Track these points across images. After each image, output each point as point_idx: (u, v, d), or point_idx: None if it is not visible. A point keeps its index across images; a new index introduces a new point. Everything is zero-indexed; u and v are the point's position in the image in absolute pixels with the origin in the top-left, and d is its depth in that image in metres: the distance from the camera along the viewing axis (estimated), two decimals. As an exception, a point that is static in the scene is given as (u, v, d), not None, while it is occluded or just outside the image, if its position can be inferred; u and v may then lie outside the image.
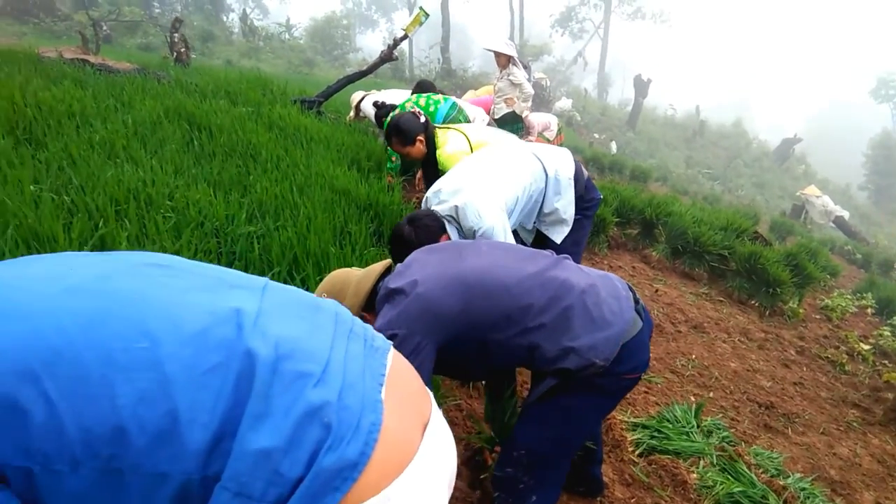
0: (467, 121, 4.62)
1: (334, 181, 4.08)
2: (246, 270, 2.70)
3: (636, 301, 1.73)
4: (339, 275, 1.76)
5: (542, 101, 16.39)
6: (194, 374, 0.77)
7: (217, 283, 0.93)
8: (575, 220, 2.98)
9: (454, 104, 4.67)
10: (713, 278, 6.27)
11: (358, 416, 0.83)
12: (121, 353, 0.75)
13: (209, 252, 2.71)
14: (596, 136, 20.80)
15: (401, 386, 0.96)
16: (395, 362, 0.99)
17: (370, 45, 45.68)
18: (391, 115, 4.56)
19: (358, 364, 0.91)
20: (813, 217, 14.10)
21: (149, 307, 0.81)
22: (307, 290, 2.62)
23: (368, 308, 1.68)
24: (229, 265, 2.71)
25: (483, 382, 2.69)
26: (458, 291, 1.57)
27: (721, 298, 5.88)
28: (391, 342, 1.05)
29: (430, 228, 2.37)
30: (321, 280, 2.66)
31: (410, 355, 1.48)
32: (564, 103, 19.99)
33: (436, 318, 1.55)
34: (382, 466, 0.81)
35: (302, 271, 2.80)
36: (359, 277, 1.71)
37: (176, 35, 9.04)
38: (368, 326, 1.05)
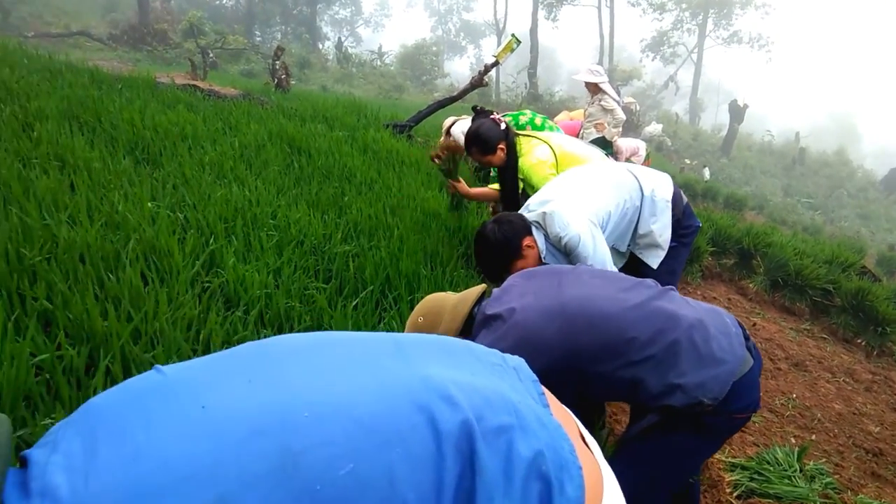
0: None
1: (425, 204, 4.17)
2: (341, 289, 2.80)
3: (746, 338, 1.64)
4: (434, 299, 1.74)
5: (630, 125, 16.09)
6: (413, 463, 0.72)
7: (369, 356, 0.87)
8: (671, 246, 2.82)
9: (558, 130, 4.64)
10: (816, 314, 5.91)
11: (560, 454, 0.81)
12: (329, 487, 0.66)
13: (307, 269, 2.82)
14: (687, 161, 20.17)
15: (555, 406, 0.95)
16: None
17: (458, 70, 46.60)
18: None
19: (525, 397, 0.88)
20: (927, 252, 13.07)
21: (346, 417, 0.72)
22: (398, 309, 2.69)
23: (464, 333, 1.66)
24: (326, 283, 2.81)
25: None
26: (559, 321, 1.54)
27: (824, 336, 5.53)
28: (524, 361, 1.04)
29: (513, 225, 2.34)
30: (413, 300, 2.74)
31: None
32: (654, 128, 19.54)
33: (535, 347, 1.51)
34: (591, 493, 0.82)
35: (394, 290, 2.87)
36: (454, 302, 1.69)
37: (278, 63, 9.55)
38: (498, 353, 1.02)
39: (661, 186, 2.73)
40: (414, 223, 3.78)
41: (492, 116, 3.45)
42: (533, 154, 3.20)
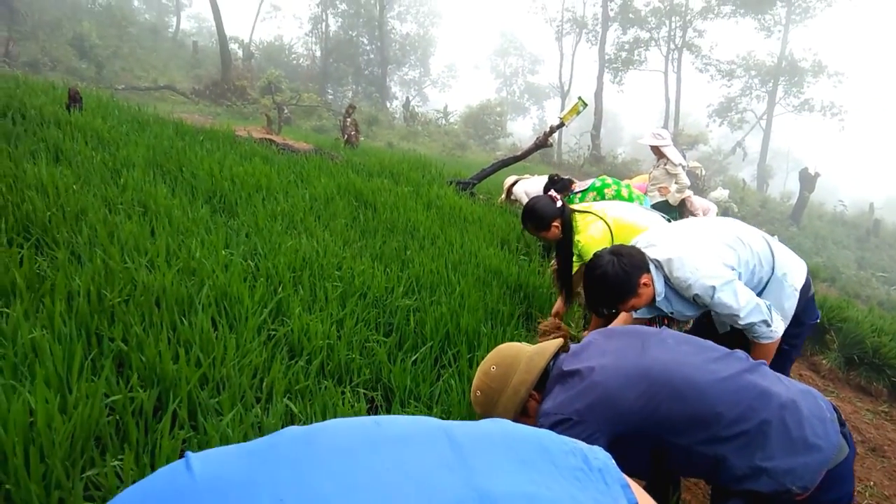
0: None
1: (486, 261, 4.16)
2: (401, 343, 2.79)
3: (842, 423, 1.52)
4: (509, 349, 1.69)
5: (696, 190, 15.71)
6: None
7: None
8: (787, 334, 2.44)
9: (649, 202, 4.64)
10: (894, 395, 5.51)
11: None
12: None
13: (369, 322, 2.84)
14: (755, 229, 19.59)
15: None
16: (632, 484, 0.82)
17: (520, 130, 47.28)
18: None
19: None
20: None
21: None
22: (457, 367, 2.66)
23: (538, 387, 1.61)
24: (386, 336, 2.82)
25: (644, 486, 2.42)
26: (641, 385, 1.48)
27: (906, 420, 5.13)
28: (604, 451, 0.87)
29: (633, 259, 2.18)
30: (473, 358, 2.70)
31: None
32: (721, 193, 19.03)
33: (613, 410, 1.46)
34: None
35: (454, 347, 2.84)
36: (530, 354, 1.63)
37: (348, 120, 9.92)
38: (578, 445, 0.86)
39: (794, 271, 2.42)
40: (475, 279, 3.77)
41: (549, 194, 3.44)
42: (588, 232, 3.21)
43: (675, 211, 6.57)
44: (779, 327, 2.19)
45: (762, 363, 1.62)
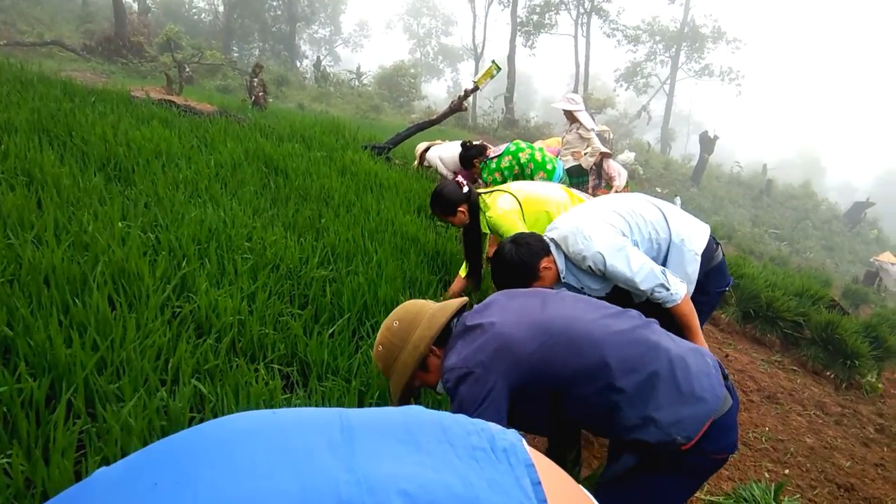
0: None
1: (404, 228, 4.12)
2: (317, 315, 2.72)
3: (725, 377, 1.62)
4: (413, 305, 1.70)
5: (604, 153, 16.30)
6: None
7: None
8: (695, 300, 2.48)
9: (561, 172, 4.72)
10: (786, 346, 5.98)
11: None
12: None
13: (283, 295, 2.74)
14: (658, 190, 20.51)
15: (560, 490, 0.79)
16: (540, 464, 0.80)
17: (435, 92, 46.99)
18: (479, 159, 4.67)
19: (510, 493, 0.72)
20: (888, 285, 13.45)
21: None
22: (374, 336, 2.62)
23: (440, 343, 1.63)
24: (302, 308, 2.74)
25: (545, 447, 2.45)
26: (540, 337, 1.52)
27: (794, 367, 5.58)
28: (515, 432, 0.85)
29: (531, 247, 2.31)
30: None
31: (484, 395, 1.46)
32: (627, 156, 19.85)
33: (514, 359, 1.50)
34: None
35: (372, 318, 2.80)
36: (434, 310, 1.64)
37: (255, 80, 9.47)
38: (487, 427, 0.83)
39: (693, 236, 2.48)
40: (392, 248, 3.73)
41: (456, 179, 3.46)
42: (497, 206, 3.24)
43: (586, 174, 6.73)
44: (679, 289, 2.26)
45: (654, 321, 1.69)
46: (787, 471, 3.57)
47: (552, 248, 2.39)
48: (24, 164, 3.14)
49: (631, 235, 2.39)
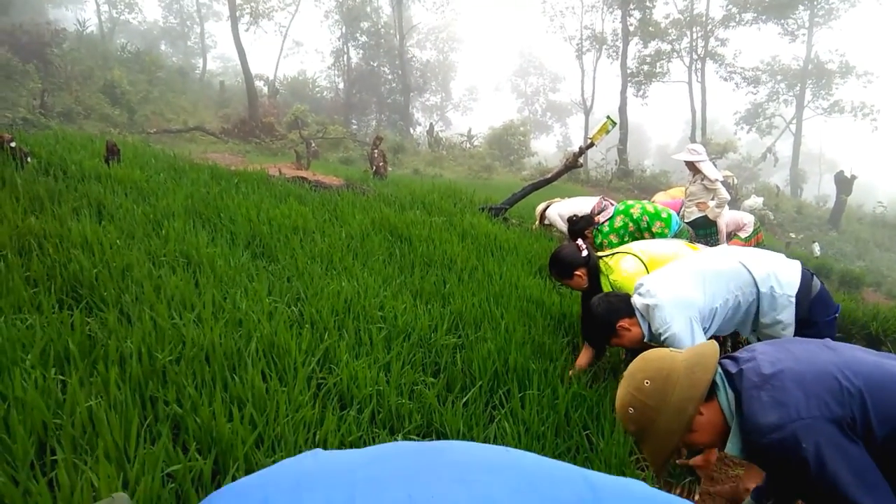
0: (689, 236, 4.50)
1: (528, 291, 4.10)
2: (449, 384, 2.74)
3: None
4: (658, 359, 1.54)
5: (730, 199, 15.54)
6: None
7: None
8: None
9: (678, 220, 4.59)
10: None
11: None
12: None
13: (415, 364, 2.79)
14: (793, 235, 19.14)
15: None
16: None
17: (544, 148, 47.25)
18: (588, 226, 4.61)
19: None
20: None
21: None
22: (509, 406, 2.59)
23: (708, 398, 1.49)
24: (434, 377, 2.77)
25: None
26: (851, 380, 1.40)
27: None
28: None
29: (612, 305, 2.60)
30: (524, 398, 2.62)
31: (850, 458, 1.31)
32: (755, 201, 18.73)
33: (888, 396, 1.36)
34: None
35: (503, 385, 2.78)
36: (689, 365, 1.50)
37: (376, 151, 10.00)
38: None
39: (783, 279, 2.51)
40: (518, 312, 3.71)
41: (576, 242, 3.43)
42: (621, 268, 3.18)
43: (713, 225, 6.44)
44: None
45: None
46: None
47: (637, 313, 2.58)
48: (182, 246, 3.47)
49: (715, 316, 2.52)
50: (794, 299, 2.48)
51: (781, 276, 2.51)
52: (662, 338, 2.45)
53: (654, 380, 1.48)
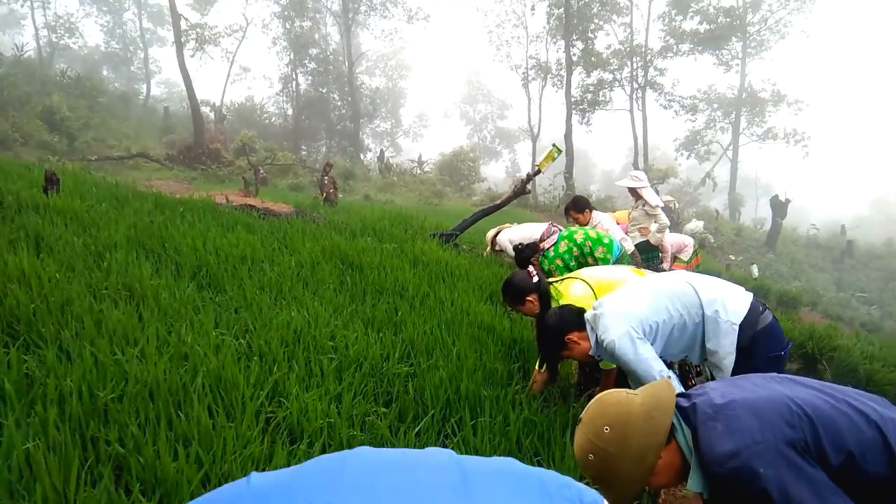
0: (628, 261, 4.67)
1: (479, 317, 4.14)
2: (401, 414, 2.73)
3: None
4: (616, 403, 1.52)
5: (671, 223, 16.04)
6: None
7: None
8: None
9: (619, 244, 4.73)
10: (895, 422, 5.52)
11: None
12: None
13: (367, 394, 2.77)
14: (732, 257, 19.89)
15: None
16: None
17: (494, 174, 47.96)
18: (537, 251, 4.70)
19: None
20: None
21: None
22: (461, 434, 2.60)
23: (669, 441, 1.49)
24: (386, 406, 2.75)
25: None
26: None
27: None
28: (597, 493, 0.97)
29: (563, 318, 2.72)
30: (476, 426, 2.64)
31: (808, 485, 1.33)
32: (696, 225, 19.44)
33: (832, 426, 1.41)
34: None
35: (455, 413, 2.78)
36: (647, 409, 1.48)
37: (326, 178, 9.96)
38: (575, 484, 0.95)
39: (730, 305, 2.52)
40: (470, 338, 3.74)
41: (528, 269, 3.51)
42: (570, 294, 3.28)
43: (656, 250, 6.66)
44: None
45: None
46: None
47: (588, 326, 2.67)
48: (124, 278, 3.36)
49: (657, 329, 2.54)
50: (737, 327, 2.49)
51: (729, 302, 2.53)
52: (605, 344, 2.52)
53: (613, 426, 1.46)
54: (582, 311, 2.75)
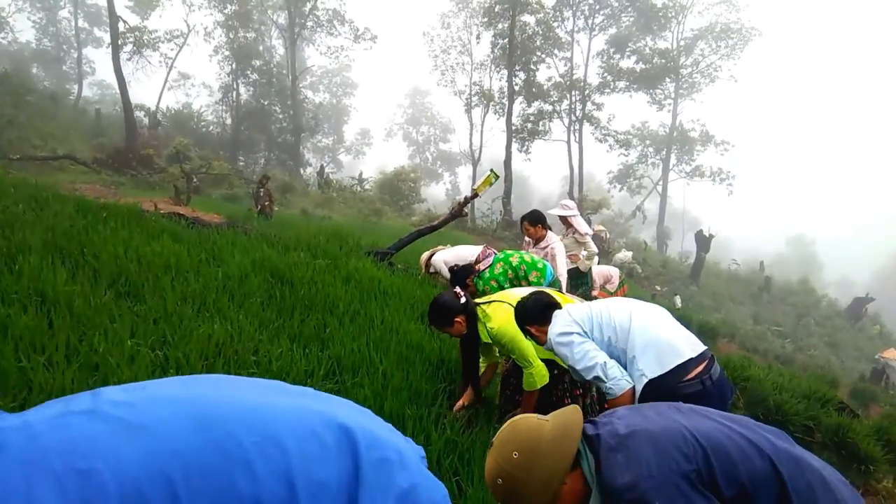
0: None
1: (408, 336, 4.14)
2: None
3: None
4: (527, 429, 1.55)
5: (601, 252, 16.52)
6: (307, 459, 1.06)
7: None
8: None
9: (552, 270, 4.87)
10: (800, 451, 5.81)
11: (432, 494, 1.21)
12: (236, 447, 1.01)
13: (289, 410, 2.72)
14: (658, 288, 20.60)
15: None
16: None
17: (434, 195, 48.21)
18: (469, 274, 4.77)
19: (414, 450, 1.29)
20: (895, 382, 13.21)
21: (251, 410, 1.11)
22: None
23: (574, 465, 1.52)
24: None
25: None
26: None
27: (810, 473, 5.39)
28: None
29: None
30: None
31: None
32: (625, 255, 20.12)
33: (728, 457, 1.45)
34: None
35: (378, 433, 2.76)
36: (555, 436, 1.52)
37: (262, 190, 9.78)
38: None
39: (647, 359, 2.46)
40: (398, 357, 3.73)
41: (454, 290, 3.56)
42: (498, 316, 3.32)
43: (585, 276, 6.84)
44: (617, 385, 2.46)
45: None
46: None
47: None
48: (37, 283, 3.20)
49: (590, 333, 2.62)
50: (645, 378, 2.43)
51: (648, 355, 2.47)
52: (549, 342, 2.70)
53: (522, 451, 1.50)
54: (553, 304, 2.85)
